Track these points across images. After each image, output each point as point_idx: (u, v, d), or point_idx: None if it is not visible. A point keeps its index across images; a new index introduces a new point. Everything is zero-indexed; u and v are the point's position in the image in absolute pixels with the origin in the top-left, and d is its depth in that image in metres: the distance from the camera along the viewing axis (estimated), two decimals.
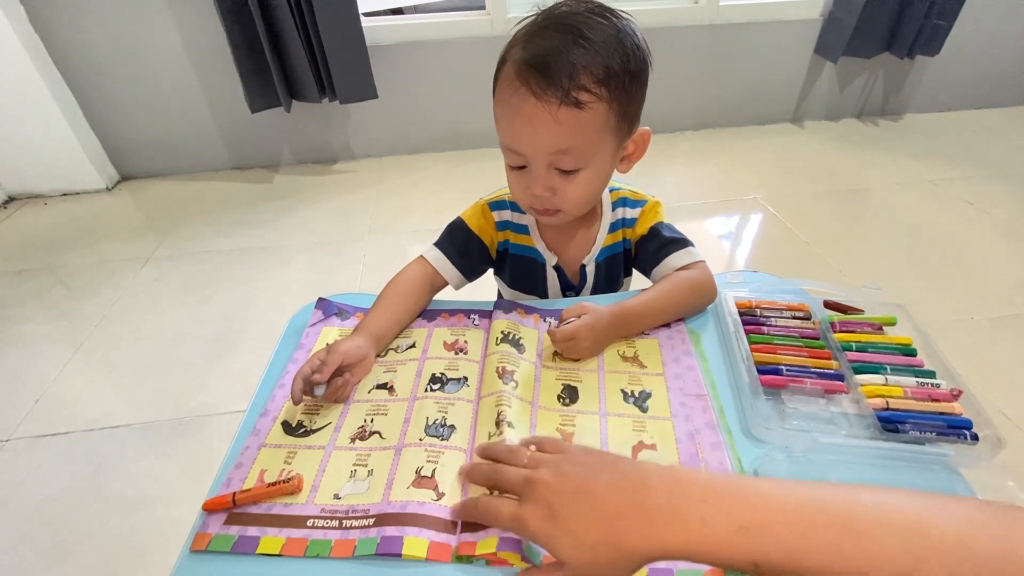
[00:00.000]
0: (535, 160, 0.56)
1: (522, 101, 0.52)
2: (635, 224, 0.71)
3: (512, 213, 0.72)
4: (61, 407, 1.21)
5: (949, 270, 1.51)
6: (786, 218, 1.77)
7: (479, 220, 0.71)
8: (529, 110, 0.52)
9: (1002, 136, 2.24)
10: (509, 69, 0.54)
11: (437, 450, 0.48)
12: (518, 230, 0.72)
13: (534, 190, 0.58)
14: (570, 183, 0.58)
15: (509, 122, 0.55)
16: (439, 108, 2.16)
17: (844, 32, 2.06)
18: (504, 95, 0.55)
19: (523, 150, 0.56)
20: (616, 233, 0.72)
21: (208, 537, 0.43)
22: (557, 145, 0.54)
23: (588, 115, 0.53)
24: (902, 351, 0.55)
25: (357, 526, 0.43)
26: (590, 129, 0.54)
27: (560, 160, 0.56)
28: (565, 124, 0.52)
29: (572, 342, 0.56)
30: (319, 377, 0.52)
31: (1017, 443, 1.03)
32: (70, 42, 1.83)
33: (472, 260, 0.71)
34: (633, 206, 0.71)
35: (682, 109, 2.31)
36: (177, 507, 1.00)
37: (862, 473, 0.45)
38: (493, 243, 0.73)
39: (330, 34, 1.78)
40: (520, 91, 0.52)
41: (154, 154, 2.11)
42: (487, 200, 0.72)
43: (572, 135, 0.53)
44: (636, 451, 0.49)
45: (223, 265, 1.66)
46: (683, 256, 0.65)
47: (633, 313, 0.60)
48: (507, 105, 0.55)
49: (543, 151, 0.55)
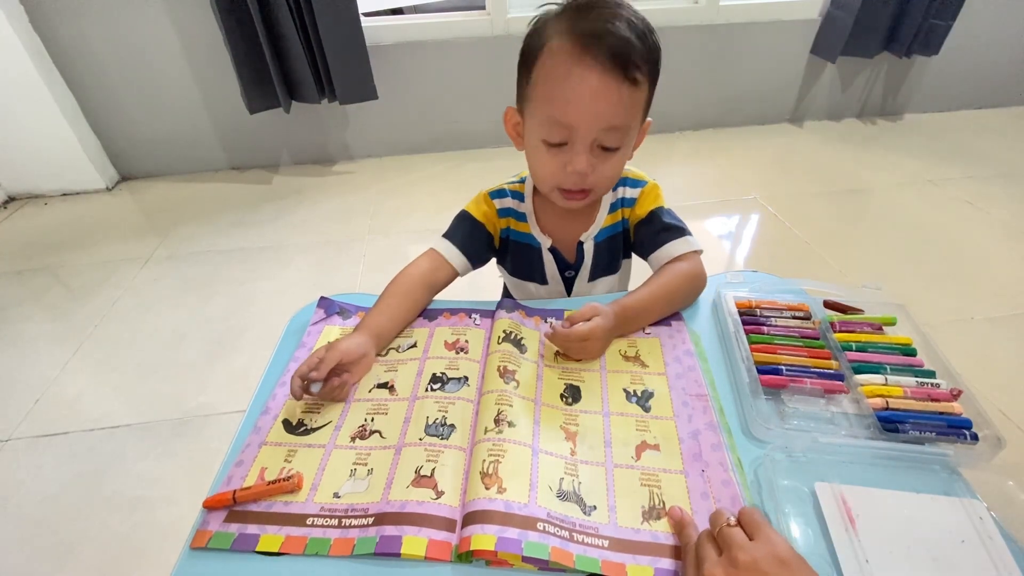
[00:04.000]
0: (584, 135, 0.56)
1: (586, 72, 0.52)
2: (635, 204, 0.71)
3: (513, 200, 0.73)
4: (61, 407, 1.21)
5: (949, 270, 1.51)
6: (786, 218, 1.77)
7: (483, 209, 0.73)
8: (595, 82, 0.52)
9: (1002, 136, 2.24)
10: (562, 41, 0.53)
11: (437, 449, 0.48)
12: (519, 217, 0.73)
13: (577, 166, 0.57)
14: (605, 161, 0.58)
15: (566, 93, 0.54)
16: (439, 108, 2.16)
17: (842, 32, 2.06)
18: (560, 67, 0.53)
19: (578, 124, 0.55)
20: (616, 213, 0.72)
21: (208, 534, 0.43)
22: (611, 120, 0.55)
23: (638, 94, 0.54)
24: (902, 351, 0.56)
25: (356, 525, 0.43)
26: (637, 107, 0.56)
27: (607, 137, 0.56)
28: (624, 100, 0.54)
29: (587, 343, 0.56)
30: (316, 375, 0.52)
31: (1017, 443, 1.04)
32: (70, 42, 1.83)
33: (477, 246, 0.72)
34: (633, 186, 0.71)
35: (682, 109, 2.31)
36: (177, 507, 1.00)
37: (862, 473, 0.45)
38: (496, 230, 0.74)
39: (330, 34, 1.78)
40: (584, 61, 0.52)
41: (154, 154, 2.11)
42: (488, 190, 0.74)
43: (625, 112, 0.55)
44: (640, 451, 0.49)
45: (223, 265, 1.66)
46: (680, 245, 0.66)
47: (633, 311, 0.61)
48: (566, 77, 0.53)
49: (597, 125, 0.55)
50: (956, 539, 0.41)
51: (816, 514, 0.43)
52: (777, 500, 0.43)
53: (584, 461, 0.48)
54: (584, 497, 0.45)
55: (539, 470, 0.46)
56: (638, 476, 0.47)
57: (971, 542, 0.40)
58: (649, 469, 0.47)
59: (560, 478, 0.46)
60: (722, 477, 0.46)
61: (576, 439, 0.50)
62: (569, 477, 0.46)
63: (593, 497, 0.45)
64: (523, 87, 0.59)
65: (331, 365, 0.53)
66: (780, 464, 0.46)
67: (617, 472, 0.47)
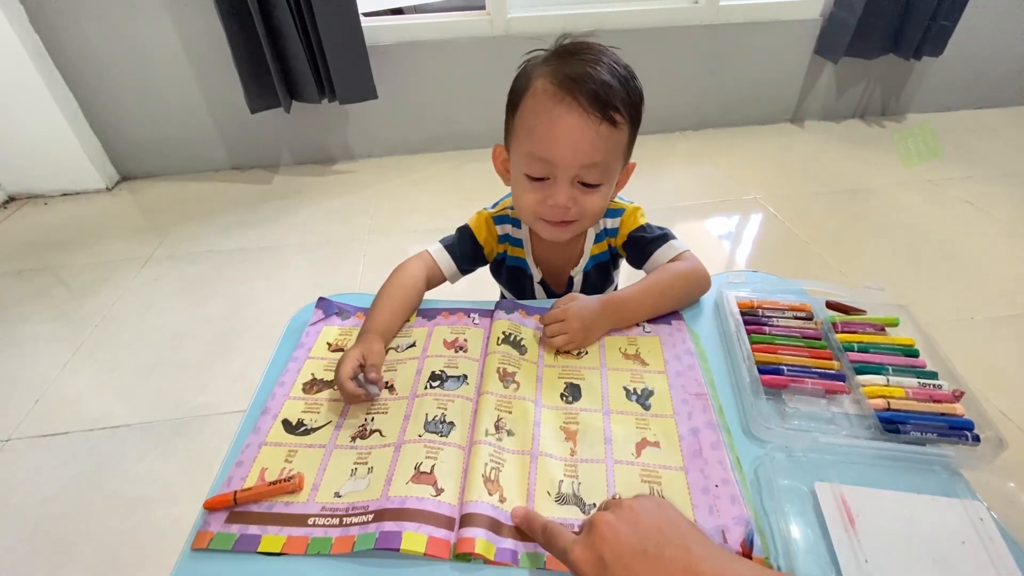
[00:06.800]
0: (565, 171, 0.59)
1: (567, 111, 0.55)
2: (617, 233, 0.74)
3: (512, 228, 0.77)
4: (61, 407, 1.21)
5: (949, 270, 1.51)
6: (786, 218, 1.77)
7: (484, 232, 0.76)
8: (574, 121, 0.55)
9: (1002, 136, 2.24)
10: (546, 83, 0.57)
11: (436, 446, 0.48)
12: (515, 243, 0.77)
13: (558, 200, 0.60)
14: (589, 196, 0.61)
15: (547, 131, 0.57)
16: (439, 108, 2.16)
17: (845, 33, 2.06)
18: (543, 106, 0.57)
19: (558, 160, 0.58)
20: (602, 243, 0.76)
21: (209, 535, 0.43)
22: (592, 158, 0.57)
23: (618, 134, 0.58)
24: (904, 352, 0.55)
25: (357, 523, 0.43)
26: (617, 147, 0.59)
27: (587, 173, 0.59)
28: (602, 139, 0.57)
29: (563, 323, 0.58)
30: (375, 376, 0.54)
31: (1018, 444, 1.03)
32: (70, 42, 1.83)
33: (471, 263, 0.77)
34: (613, 216, 0.74)
35: (682, 109, 2.31)
36: (177, 507, 1.00)
37: (862, 473, 0.45)
38: (492, 252, 0.78)
39: (330, 34, 1.77)
40: (566, 101, 0.55)
41: (154, 154, 2.11)
42: (491, 213, 0.77)
43: (605, 150, 0.58)
44: (640, 448, 0.49)
45: (223, 265, 1.66)
46: (667, 251, 0.69)
47: (621, 299, 0.63)
48: (548, 115, 0.56)
49: (577, 163, 0.58)
50: (956, 540, 0.40)
51: (816, 514, 0.43)
52: (777, 500, 0.43)
53: (584, 460, 0.48)
54: (584, 497, 0.45)
55: (537, 476, 0.46)
56: (638, 472, 0.47)
57: (971, 543, 0.40)
58: (649, 465, 0.47)
59: (559, 480, 0.46)
60: (721, 475, 0.46)
61: (576, 437, 0.50)
62: (569, 479, 0.46)
63: (593, 495, 0.45)
64: (509, 124, 0.63)
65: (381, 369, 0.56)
66: (780, 464, 0.46)
67: (617, 468, 0.47)
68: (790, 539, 0.41)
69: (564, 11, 2.03)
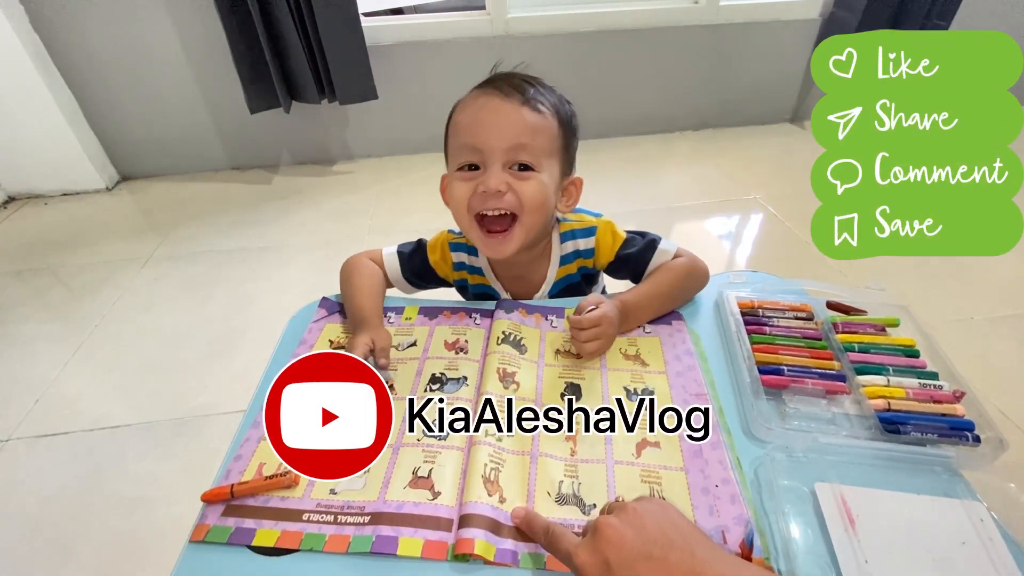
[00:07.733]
0: (494, 154, 0.58)
1: (488, 99, 0.59)
2: (595, 254, 0.71)
3: (468, 256, 0.73)
4: (61, 407, 1.21)
5: (949, 270, 1.51)
6: (786, 218, 1.77)
7: (438, 254, 0.73)
8: (495, 105, 0.58)
9: None
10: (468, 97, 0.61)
11: (434, 450, 0.48)
12: (473, 271, 0.74)
13: (489, 183, 0.58)
14: (524, 182, 0.59)
15: (472, 118, 0.59)
16: (439, 108, 2.11)
17: (846, 32, 2.06)
18: (466, 105, 0.61)
19: (484, 143, 0.58)
20: (569, 265, 0.72)
21: (206, 528, 0.43)
22: (517, 138, 0.58)
23: (545, 121, 0.60)
24: (905, 352, 0.55)
25: (352, 522, 0.43)
26: (546, 133, 0.60)
27: (518, 153, 0.58)
28: (527, 120, 0.58)
29: (599, 328, 0.56)
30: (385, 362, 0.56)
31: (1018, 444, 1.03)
32: (70, 42, 1.83)
33: (419, 277, 0.74)
34: (585, 236, 0.71)
35: (682, 109, 2.31)
36: (177, 506, 1.00)
37: (863, 474, 0.45)
38: (449, 278, 0.76)
39: (330, 34, 1.77)
40: (487, 92, 0.59)
41: (154, 154, 2.11)
42: (450, 239, 0.73)
43: (531, 132, 0.58)
44: (640, 448, 0.49)
45: (223, 265, 1.66)
46: (660, 257, 0.67)
47: (633, 303, 0.62)
48: (471, 108, 0.60)
49: (503, 143, 0.58)
50: (957, 541, 0.40)
51: (816, 514, 0.43)
52: (777, 500, 0.43)
53: (584, 460, 0.48)
54: (583, 498, 0.45)
55: (537, 477, 0.46)
56: (638, 473, 0.47)
57: (971, 544, 0.40)
58: (650, 466, 0.47)
59: (559, 481, 0.46)
60: (722, 476, 0.46)
61: (576, 438, 0.50)
62: (569, 479, 0.46)
63: (593, 496, 0.45)
64: (446, 150, 0.65)
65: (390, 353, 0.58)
66: (780, 464, 0.46)
67: (617, 469, 0.47)
68: (790, 539, 0.41)
69: (564, 11, 2.03)
